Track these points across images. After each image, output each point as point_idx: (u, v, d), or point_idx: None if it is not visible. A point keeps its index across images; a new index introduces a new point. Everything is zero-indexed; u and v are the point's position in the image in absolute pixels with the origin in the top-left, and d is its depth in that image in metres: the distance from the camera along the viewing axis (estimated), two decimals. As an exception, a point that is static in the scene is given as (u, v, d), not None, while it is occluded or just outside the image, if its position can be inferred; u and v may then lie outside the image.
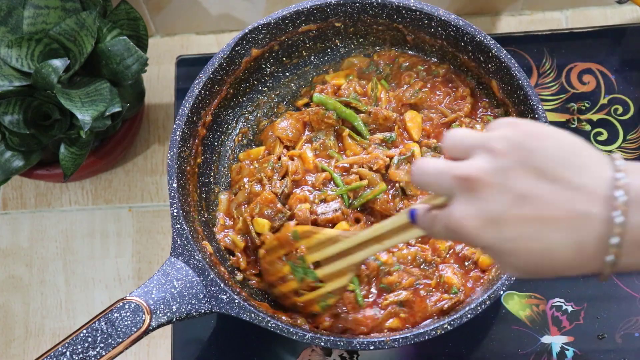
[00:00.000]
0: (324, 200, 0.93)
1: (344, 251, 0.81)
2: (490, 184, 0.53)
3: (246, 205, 0.95)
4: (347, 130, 0.97)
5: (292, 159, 0.96)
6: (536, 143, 0.53)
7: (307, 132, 0.99)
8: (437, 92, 1.00)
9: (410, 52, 1.02)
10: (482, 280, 0.89)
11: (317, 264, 0.85)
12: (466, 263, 0.91)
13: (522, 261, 0.54)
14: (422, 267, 0.91)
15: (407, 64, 1.02)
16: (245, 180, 0.97)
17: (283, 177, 0.95)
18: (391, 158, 0.94)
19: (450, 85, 1.00)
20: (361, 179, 0.93)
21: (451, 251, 0.91)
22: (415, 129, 0.97)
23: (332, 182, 0.95)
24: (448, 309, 0.87)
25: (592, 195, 0.52)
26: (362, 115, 0.98)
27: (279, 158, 0.96)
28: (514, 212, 0.52)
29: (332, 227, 0.91)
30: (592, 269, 0.54)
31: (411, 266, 0.90)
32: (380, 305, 0.89)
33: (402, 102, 0.99)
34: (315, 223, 0.91)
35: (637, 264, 0.53)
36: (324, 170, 0.95)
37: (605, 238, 0.51)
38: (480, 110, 0.99)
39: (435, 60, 1.01)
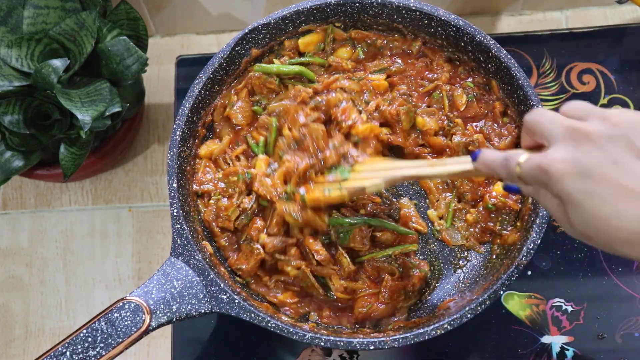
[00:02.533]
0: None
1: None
2: (596, 141, 0.59)
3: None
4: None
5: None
6: None
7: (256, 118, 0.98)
8: (415, 65, 1.00)
9: (385, 34, 1.01)
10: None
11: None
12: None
13: (585, 218, 0.59)
14: None
15: (385, 43, 1.01)
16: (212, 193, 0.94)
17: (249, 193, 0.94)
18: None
19: (426, 57, 1.00)
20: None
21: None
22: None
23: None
24: None
25: None
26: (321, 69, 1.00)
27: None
28: (603, 171, 0.58)
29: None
30: None
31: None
32: None
33: (369, 71, 1.00)
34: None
35: None
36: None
37: None
38: (459, 78, 0.99)
39: (409, 37, 1.01)
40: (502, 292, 0.82)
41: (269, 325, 0.81)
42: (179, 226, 0.86)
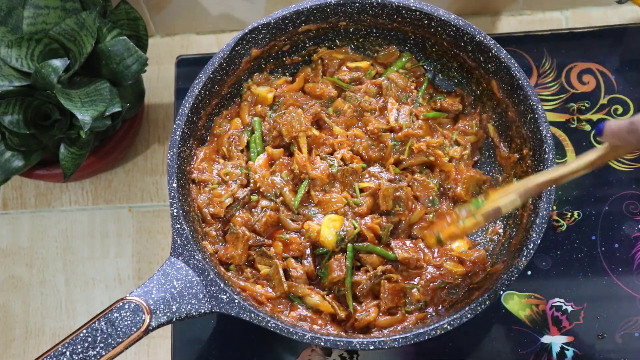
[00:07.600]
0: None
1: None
2: None
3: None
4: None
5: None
6: None
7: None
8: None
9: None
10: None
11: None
12: None
13: None
14: None
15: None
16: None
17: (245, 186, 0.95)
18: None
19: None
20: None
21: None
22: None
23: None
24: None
25: None
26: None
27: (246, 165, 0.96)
28: None
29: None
30: None
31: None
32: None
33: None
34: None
35: None
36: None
37: None
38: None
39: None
40: (502, 292, 0.82)
41: (269, 325, 0.81)
42: (179, 226, 0.86)
